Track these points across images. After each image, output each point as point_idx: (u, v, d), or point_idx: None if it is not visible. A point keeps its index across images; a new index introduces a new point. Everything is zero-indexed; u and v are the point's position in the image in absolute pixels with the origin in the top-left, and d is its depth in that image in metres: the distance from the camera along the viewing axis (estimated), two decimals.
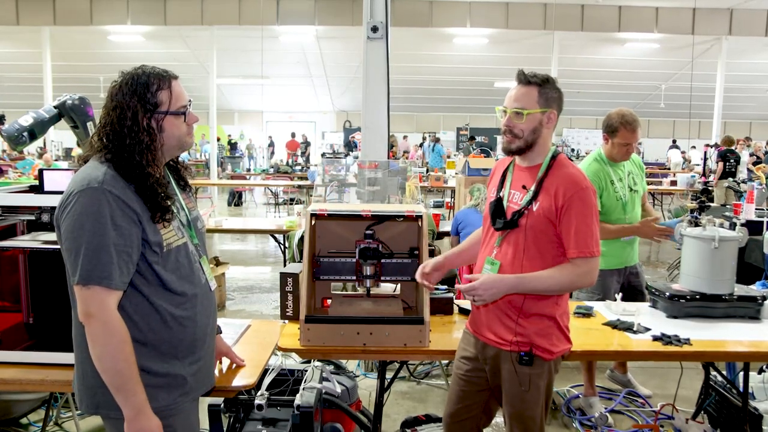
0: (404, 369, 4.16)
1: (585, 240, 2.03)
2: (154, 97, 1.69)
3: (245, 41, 16.25)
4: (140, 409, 1.62)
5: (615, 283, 3.51)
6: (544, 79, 2.11)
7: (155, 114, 1.70)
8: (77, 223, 1.57)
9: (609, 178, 3.41)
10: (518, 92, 2.12)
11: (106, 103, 1.71)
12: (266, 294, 6.55)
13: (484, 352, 2.20)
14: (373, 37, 5.00)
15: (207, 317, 1.84)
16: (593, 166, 3.44)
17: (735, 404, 3.07)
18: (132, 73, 1.71)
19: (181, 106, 1.74)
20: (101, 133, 1.70)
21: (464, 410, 2.29)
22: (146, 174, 1.66)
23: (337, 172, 8.69)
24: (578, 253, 2.03)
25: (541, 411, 2.15)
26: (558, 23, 15.01)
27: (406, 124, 23.42)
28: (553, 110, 2.12)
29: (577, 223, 2.02)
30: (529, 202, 2.09)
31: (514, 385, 2.11)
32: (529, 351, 2.08)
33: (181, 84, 1.78)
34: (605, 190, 3.39)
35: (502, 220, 2.14)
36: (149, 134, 1.69)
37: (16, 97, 18.78)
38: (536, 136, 2.11)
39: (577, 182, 2.06)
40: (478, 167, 7.92)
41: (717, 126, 15.90)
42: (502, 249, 2.14)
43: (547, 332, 2.10)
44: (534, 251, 2.08)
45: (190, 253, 1.80)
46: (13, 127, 3.08)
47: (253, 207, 14.29)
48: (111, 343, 1.58)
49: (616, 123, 3.37)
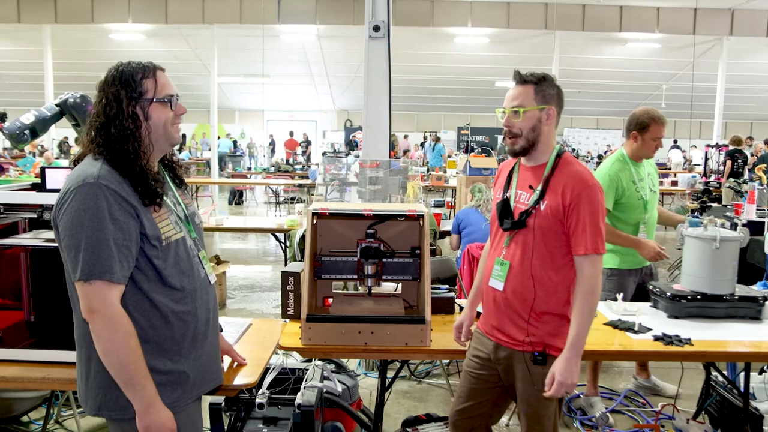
0: (405, 368, 4.16)
1: (593, 238, 2.03)
2: (139, 85, 1.71)
3: (246, 40, 16.25)
4: (150, 402, 1.62)
5: (632, 284, 3.52)
6: (541, 77, 2.12)
7: (140, 101, 1.71)
8: (75, 220, 1.57)
9: (631, 178, 3.45)
10: (515, 91, 2.13)
11: (95, 100, 1.73)
12: (267, 293, 6.55)
13: (496, 353, 2.20)
14: (374, 37, 4.99)
15: (207, 311, 1.84)
16: (615, 165, 3.48)
17: (736, 404, 3.07)
18: (116, 65, 1.73)
19: (167, 94, 1.75)
20: (90, 127, 1.71)
21: (475, 407, 2.30)
22: (133, 160, 1.67)
23: (338, 171, 8.71)
24: (586, 250, 2.03)
25: (555, 408, 2.16)
26: (559, 23, 15.01)
27: (407, 124, 23.41)
28: (551, 107, 2.12)
29: (585, 220, 2.03)
30: (536, 202, 2.09)
31: (528, 384, 2.12)
32: (542, 351, 2.09)
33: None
34: (627, 190, 3.42)
35: (510, 221, 2.14)
36: (134, 121, 1.69)
37: (17, 95, 18.81)
38: (536, 134, 2.11)
39: (585, 180, 2.06)
40: (479, 167, 7.93)
41: (718, 126, 15.90)
42: (511, 249, 2.14)
43: (559, 331, 2.10)
44: (543, 250, 2.08)
45: (189, 247, 1.80)
46: (14, 125, 3.08)
47: (254, 206, 14.29)
48: (116, 337, 1.58)
49: (646, 119, 3.44)
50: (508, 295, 2.14)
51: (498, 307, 2.17)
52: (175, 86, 1.80)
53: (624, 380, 4.23)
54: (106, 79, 1.72)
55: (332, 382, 2.61)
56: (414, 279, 2.62)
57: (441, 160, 16.38)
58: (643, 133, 3.46)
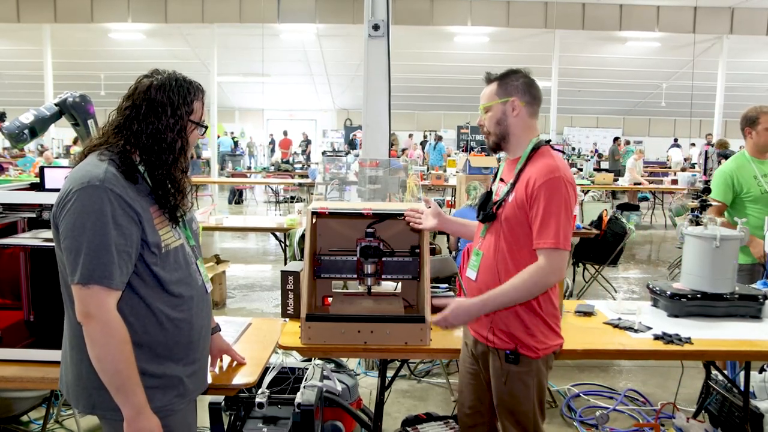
0: (405, 367, 4.16)
1: (548, 230, 1.96)
2: (191, 105, 1.74)
3: (246, 39, 16.23)
4: (140, 409, 1.61)
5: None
6: (505, 73, 2.15)
7: (189, 121, 1.74)
8: (78, 222, 1.55)
9: (752, 174, 3.54)
10: (483, 92, 2.18)
11: (136, 100, 1.69)
12: (267, 292, 6.55)
13: (476, 348, 2.24)
14: (374, 36, 4.98)
15: (202, 319, 1.84)
16: (732, 163, 3.63)
17: (736, 403, 3.07)
18: (171, 75, 1.73)
19: (203, 120, 1.80)
20: (125, 127, 1.68)
21: (478, 403, 2.31)
22: (172, 174, 1.70)
23: (337, 170, 8.70)
24: (542, 243, 1.97)
25: (534, 407, 2.11)
26: (559, 22, 15.00)
27: (407, 123, 23.41)
28: (514, 98, 2.11)
29: (544, 212, 1.97)
30: (506, 194, 2.11)
31: (500, 381, 2.12)
32: (514, 350, 2.07)
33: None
34: (747, 185, 3.53)
35: (483, 212, 2.17)
36: (181, 137, 1.72)
37: (16, 95, 18.79)
38: (503, 127, 2.13)
39: (550, 171, 2.00)
40: (479, 165, 7.93)
41: (718, 125, 15.89)
42: (486, 240, 2.17)
43: (530, 330, 2.07)
44: (511, 241, 2.07)
45: (187, 254, 1.80)
46: (13, 124, 3.07)
47: (254, 205, 14.28)
48: (111, 343, 1.57)
49: (754, 113, 3.57)
50: (479, 284, 2.15)
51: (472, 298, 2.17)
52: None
53: (624, 379, 4.23)
54: (160, 84, 1.70)
55: (332, 381, 2.61)
56: (414, 278, 2.62)
57: (442, 159, 16.38)
58: (755, 126, 3.56)
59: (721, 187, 3.54)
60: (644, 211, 12.69)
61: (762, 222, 3.41)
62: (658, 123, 24.18)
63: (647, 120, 24.66)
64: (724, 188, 3.54)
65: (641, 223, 11.52)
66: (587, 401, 3.86)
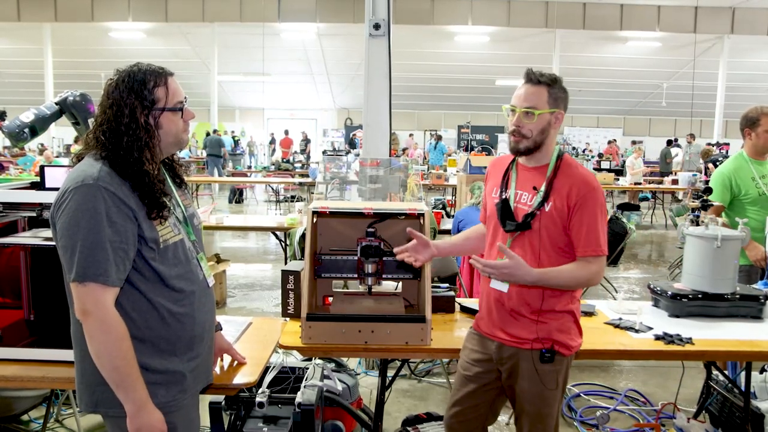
0: (405, 367, 4.16)
1: (597, 239, 2.05)
2: (151, 93, 1.69)
3: (246, 38, 16.26)
4: (141, 404, 1.62)
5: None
6: (553, 79, 2.10)
7: (153, 111, 1.70)
8: (72, 221, 1.57)
9: (750, 175, 3.52)
10: (528, 91, 2.09)
11: (102, 101, 1.71)
12: (267, 291, 6.55)
13: (499, 353, 2.18)
14: (374, 35, 4.98)
15: (205, 314, 1.84)
16: (731, 164, 3.60)
17: (737, 404, 3.07)
18: (128, 70, 1.71)
19: (178, 102, 1.75)
20: (98, 130, 1.69)
21: (471, 410, 2.28)
22: (144, 171, 1.66)
23: (338, 170, 8.70)
24: (590, 251, 2.04)
25: (558, 407, 2.17)
26: (560, 21, 15.01)
27: (408, 122, 23.42)
28: (561, 111, 2.12)
29: (589, 222, 2.04)
30: (540, 203, 2.08)
31: (534, 383, 2.11)
32: (550, 348, 2.09)
33: (178, 81, 1.79)
34: (745, 187, 3.50)
35: (514, 223, 2.12)
36: (147, 131, 1.69)
37: (17, 94, 18.82)
38: (545, 137, 2.11)
39: (589, 182, 2.07)
40: (479, 165, 7.91)
41: (718, 125, 15.91)
42: (515, 251, 2.09)
43: (566, 327, 2.12)
44: (550, 251, 2.08)
45: (188, 249, 1.80)
46: (14, 123, 3.07)
47: (254, 204, 14.28)
48: (108, 340, 1.58)
49: (755, 114, 3.54)
50: (513, 296, 2.13)
51: (501, 308, 2.16)
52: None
53: (624, 379, 4.23)
54: (116, 83, 1.70)
55: (332, 380, 2.61)
56: (414, 278, 2.62)
57: (443, 159, 16.38)
58: (755, 128, 3.54)
59: (719, 188, 3.52)
60: (645, 211, 12.70)
61: (759, 224, 3.40)
62: (659, 123, 24.18)
63: (647, 120, 24.66)
64: (722, 189, 3.52)
65: (642, 223, 11.53)
66: (588, 401, 3.86)
